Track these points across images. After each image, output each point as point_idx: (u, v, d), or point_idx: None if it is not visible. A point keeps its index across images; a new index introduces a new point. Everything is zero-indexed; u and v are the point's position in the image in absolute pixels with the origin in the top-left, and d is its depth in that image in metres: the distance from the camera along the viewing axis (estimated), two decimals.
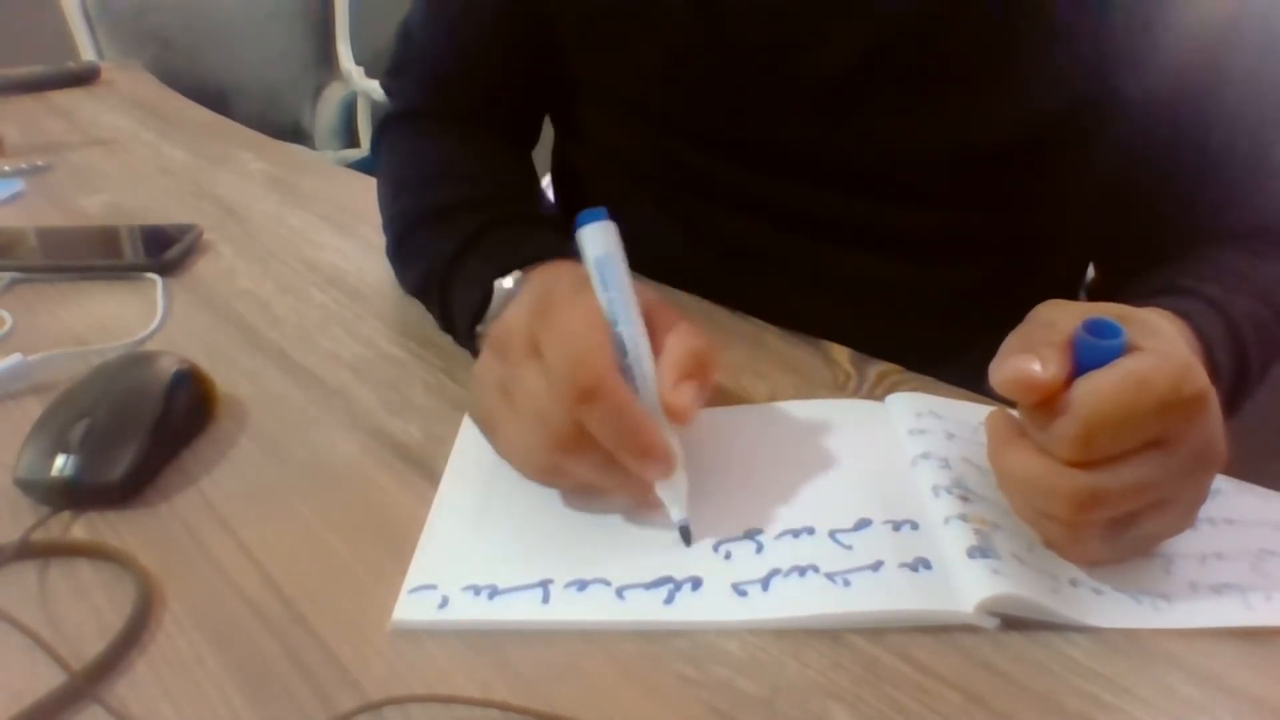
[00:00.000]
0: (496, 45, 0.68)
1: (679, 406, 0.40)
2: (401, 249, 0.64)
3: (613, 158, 0.70)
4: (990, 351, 0.38)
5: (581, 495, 0.44)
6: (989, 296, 0.64)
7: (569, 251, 0.46)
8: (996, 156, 0.57)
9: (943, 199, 0.60)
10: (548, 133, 0.77)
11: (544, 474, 0.42)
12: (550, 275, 0.46)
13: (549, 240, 0.53)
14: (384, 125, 0.72)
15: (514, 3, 0.66)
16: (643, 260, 0.45)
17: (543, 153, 0.79)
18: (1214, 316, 0.48)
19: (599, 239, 0.42)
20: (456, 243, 0.56)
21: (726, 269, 0.67)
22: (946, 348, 0.60)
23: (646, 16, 0.60)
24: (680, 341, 0.42)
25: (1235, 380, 0.49)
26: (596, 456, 0.40)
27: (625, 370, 0.40)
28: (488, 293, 0.51)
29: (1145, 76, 0.53)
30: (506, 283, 0.50)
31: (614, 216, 0.42)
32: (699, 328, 0.43)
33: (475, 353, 0.52)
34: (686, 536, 0.41)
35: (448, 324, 0.58)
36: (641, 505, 0.42)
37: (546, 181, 0.82)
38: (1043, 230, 0.63)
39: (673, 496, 0.41)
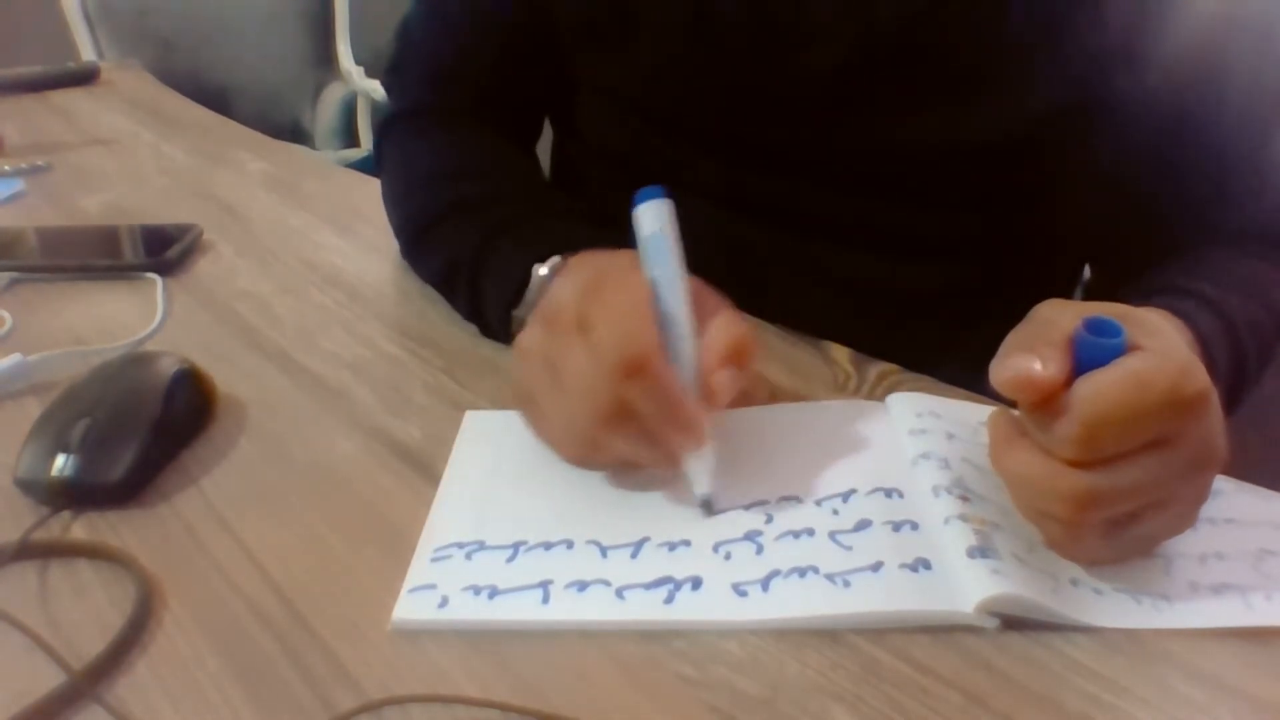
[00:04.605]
0: (495, 41, 0.68)
1: (718, 389, 0.42)
2: (422, 243, 0.64)
3: (610, 156, 0.71)
4: (989, 347, 0.38)
5: (614, 476, 0.45)
6: (986, 294, 0.64)
7: (602, 242, 0.47)
8: (991, 155, 0.57)
9: (938, 197, 0.60)
10: (547, 131, 0.77)
11: (582, 447, 0.43)
12: (598, 257, 0.47)
13: (580, 230, 0.54)
14: (387, 124, 0.72)
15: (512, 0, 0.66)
16: None
17: (542, 152, 0.79)
18: (1210, 316, 0.48)
19: (653, 216, 0.43)
20: (482, 234, 0.57)
21: (724, 267, 0.66)
22: (944, 344, 0.60)
23: (644, 16, 0.60)
24: (724, 327, 0.44)
25: (1232, 380, 0.49)
26: (635, 431, 0.41)
27: (666, 347, 0.42)
28: (525, 278, 0.52)
29: (1142, 77, 0.53)
30: (543, 269, 0.52)
31: (616, 213, 0.43)
32: (740, 316, 0.45)
33: (507, 338, 0.54)
34: (709, 508, 0.42)
35: (474, 311, 0.59)
36: (669, 479, 0.43)
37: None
38: (1039, 229, 0.63)
39: (700, 470, 0.42)
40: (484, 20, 0.68)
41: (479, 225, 0.58)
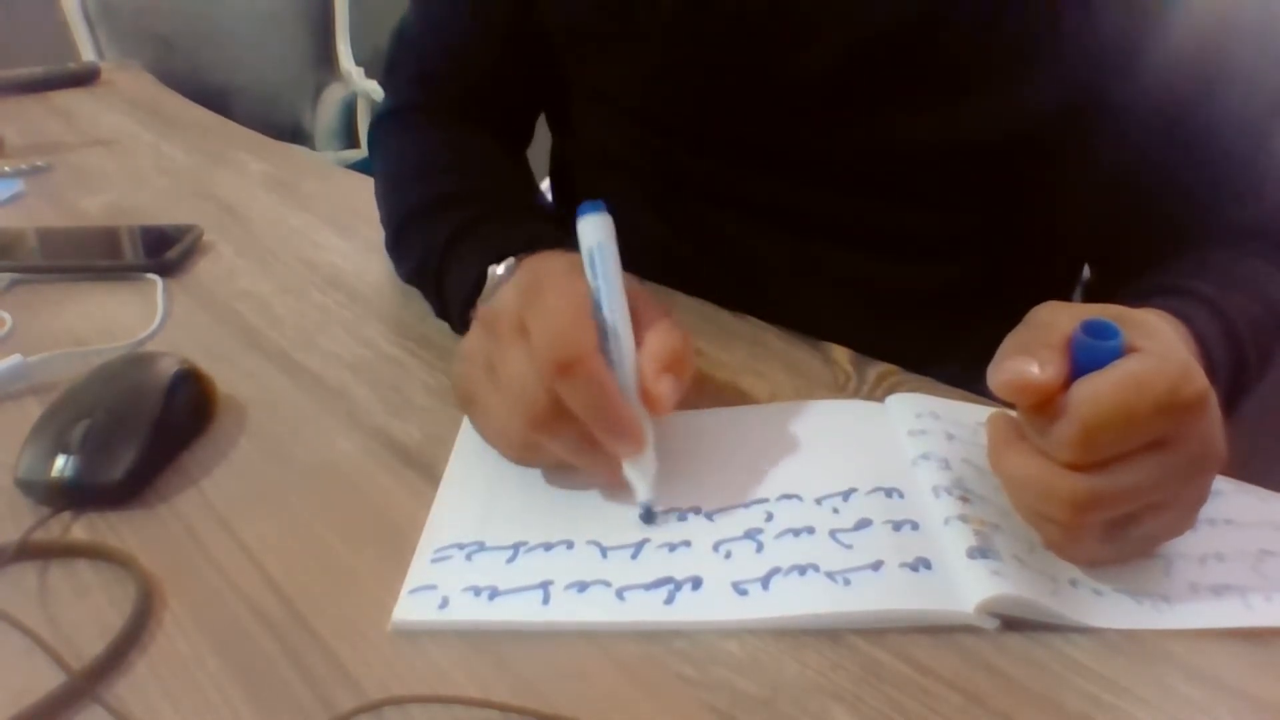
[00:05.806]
0: (484, 43, 0.69)
1: (659, 396, 0.42)
2: (397, 243, 0.65)
3: (608, 158, 0.71)
4: (988, 347, 0.38)
5: (565, 478, 0.45)
6: (985, 294, 0.64)
7: (561, 242, 0.47)
8: (990, 155, 0.57)
9: (937, 197, 0.60)
10: (547, 134, 0.77)
11: (521, 450, 0.43)
12: (543, 260, 0.47)
13: (541, 230, 0.54)
14: (377, 122, 0.73)
15: (501, 3, 0.66)
16: (639, 260, 0.45)
17: (542, 154, 0.80)
18: (1210, 315, 0.48)
19: (595, 229, 0.44)
20: (448, 233, 0.57)
21: (723, 268, 0.67)
22: (944, 344, 0.60)
23: (635, 19, 0.60)
24: (662, 336, 0.43)
25: (1232, 379, 0.49)
26: (572, 434, 0.41)
27: (606, 355, 0.42)
28: (481, 278, 0.52)
29: (1138, 77, 0.53)
30: (499, 269, 0.51)
31: (611, 215, 0.44)
32: (680, 325, 0.44)
33: None
34: (649, 517, 0.42)
35: (442, 311, 0.59)
36: (610, 486, 0.43)
37: (545, 185, 0.83)
38: (1039, 229, 0.63)
39: (639, 476, 0.42)
40: (473, 22, 0.68)
41: (446, 224, 0.58)
